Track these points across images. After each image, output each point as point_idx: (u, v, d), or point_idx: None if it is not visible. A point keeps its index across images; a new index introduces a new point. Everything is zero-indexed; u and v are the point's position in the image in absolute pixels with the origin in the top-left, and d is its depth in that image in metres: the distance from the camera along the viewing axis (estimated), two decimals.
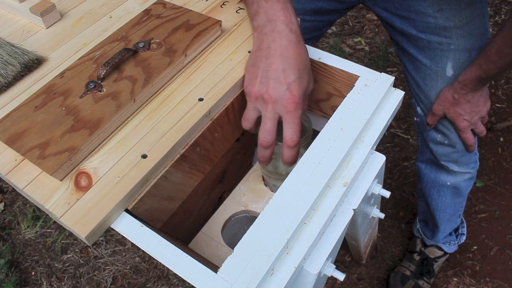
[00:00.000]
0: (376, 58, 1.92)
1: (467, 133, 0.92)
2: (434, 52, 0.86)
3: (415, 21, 0.83)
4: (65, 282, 1.38)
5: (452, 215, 1.16)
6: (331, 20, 1.00)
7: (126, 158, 0.58)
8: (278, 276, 0.51)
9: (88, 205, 0.54)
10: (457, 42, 0.83)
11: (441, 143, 0.97)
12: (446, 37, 0.83)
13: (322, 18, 0.97)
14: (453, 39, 0.83)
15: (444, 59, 0.86)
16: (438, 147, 0.98)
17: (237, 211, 0.85)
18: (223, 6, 0.79)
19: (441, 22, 0.81)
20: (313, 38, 1.03)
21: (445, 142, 0.96)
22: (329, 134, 0.61)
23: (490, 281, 1.32)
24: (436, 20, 0.81)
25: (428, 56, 0.87)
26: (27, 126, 0.60)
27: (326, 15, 0.97)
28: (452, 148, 0.97)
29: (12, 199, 1.59)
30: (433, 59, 0.87)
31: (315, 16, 0.96)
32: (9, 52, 0.69)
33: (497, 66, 0.79)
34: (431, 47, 0.86)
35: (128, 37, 0.71)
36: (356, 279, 1.36)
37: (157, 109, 0.64)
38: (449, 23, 0.81)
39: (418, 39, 0.86)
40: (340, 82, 0.73)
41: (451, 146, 0.96)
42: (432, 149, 1.00)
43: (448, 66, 0.86)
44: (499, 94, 1.78)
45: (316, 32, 1.01)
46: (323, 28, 1.02)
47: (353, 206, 0.61)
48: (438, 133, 0.96)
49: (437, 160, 1.01)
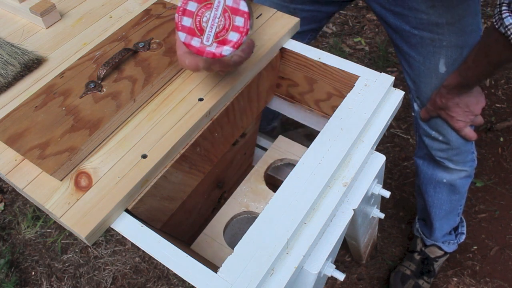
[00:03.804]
0: (376, 58, 1.92)
1: (464, 131, 0.92)
2: (426, 49, 0.87)
3: (408, 17, 0.84)
4: (65, 282, 1.38)
5: (448, 212, 1.16)
6: (329, 11, 1.00)
7: (126, 158, 0.58)
8: (278, 276, 0.51)
9: (88, 205, 0.54)
10: (449, 39, 0.84)
11: (436, 139, 0.98)
12: (439, 33, 0.84)
13: (321, 9, 0.98)
14: (445, 36, 0.84)
15: (437, 55, 0.87)
16: (434, 143, 0.99)
17: (239, 212, 0.85)
18: None
19: (433, 18, 0.82)
20: (311, 31, 1.03)
21: (439, 138, 0.97)
22: (329, 134, 0.61)
23: (490, 281, 1.32)
24: (429, 17, 0.82)
25: (421, 53, 0.88)
26: (27, 126, 0.60)
27: (325, 6, 0.97)
28: (446, 145, 0.97)
29: (12, 199, 1.58)
30: (426, 55, 0.88)
31: (314, 5, 0.96)
32: (9, 52, 0.69)
33: (474, 74, 0.81)
34: (423, 44, 0.86)
35: (128, 37, 0.71)
36: (356, 279, 1.36)
37: (157, 109, 0.63)
38: (442, 19, 0.82)
39: (411, 35, 0.87)
40: (340, 82, 0.73)
41: (446, 143, 0.97)
42: (428, 144, 1.01)
43: (440, 63, 0.87)
44: (499, 94, 1.78)
45: (314, 24, 1.01)
46: (322, 20, 1.02)
47: (353, 206, 0.61)
48: (432, 130, 0.97)
49: (433, 156, 1.02)
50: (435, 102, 0.90)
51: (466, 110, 0.89)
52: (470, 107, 0.88)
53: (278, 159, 0.92)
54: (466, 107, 0.88)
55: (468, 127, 0.92)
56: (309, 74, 0.76)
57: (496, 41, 0.70)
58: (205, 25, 0.51)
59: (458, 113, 0.89)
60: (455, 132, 0.94)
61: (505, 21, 0.65)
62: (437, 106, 0.90)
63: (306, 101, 0.83)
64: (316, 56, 0.73)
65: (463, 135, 0.93)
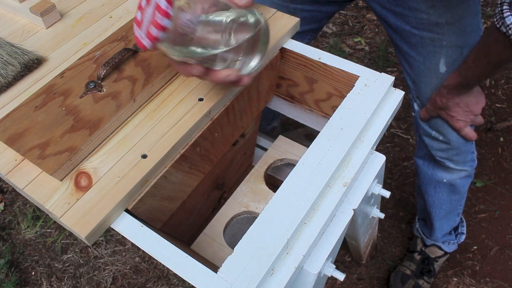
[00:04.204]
0: (376, 58, 1.92)
1: (464, 131, 0.92)
2: (427, 49, 0.87)
3: (409, 17, 0.84)
4: (65, 282, 1.38)
5: (448, 212, 1.16)
6: (329, 11, 1.00)
7: (126, 158, 0.58)
8: (278, 276, 0.51)
9: (88, 205, 0.54)
10: (449, 39, 0.85)
11: (436, 139, 0.98)
12: (439, 33, 0.84)
13: (321, 9, 0.98)
14: (445, 36, 0.84)
15: (437, 55, 0.87)
16: (434, 143, 0.99)
17: (239, 212, 0.85)
18: None
19: (433, 18, 0.82)
20: (311, 31, 1.03)
21: (439, 138, 0.97)
22: (329, 134, 0.61)
23: (490, 281, 1.32)
24: (429, 16, 0.82)
25: (421, 53, 0.88)
26: (27, 126, 0.60)
27: (325, 6, 0.98)
28: (447, 145, 0.98)
29: (12, 199, 1.58)
30: (426, 55, 0.88)
31: (314, 5, 0.97)
32: (9, 52, 0.69)
33: (474, 74, 0.81)
34: (424, 44, 0.87)
35: (128, 37, 0.71)
36: (356, 279, 1.36)
37: (157, 109, 0.63)
38: (442, 19, 0.82)
39: (412, 35, 0.87)
40: (340, 82, 0.73)
41: (446, 143, 0.97)
42: (428, 144, 1.01)
43: (441, 63, 0.87)
44: (499, 94, 1.78)
45: (314, 24, 1.01)
46: (322, 20, 1.02)
47: (353, 206, 0.61)
48: (432, 129, 0.97)
49: (433, 156, 1.02)
50: (435, 102, 0.90)
51: (466, 110, 0.89)
52: (470, 107, 0.89)
53: (278, 159, 0.92)
54: (466, 107, 0.89)
55: (468, 127, 0.93)
56: (309, 74, 0.76)
57: (496, 40, 0.70)
58: (143, 18, 0.53)
59: (458, 113, 0.89)
60: (455, 132, 0.94)
61: (507, 20, 0.65)
62: (437, 106, 0.90)
63: (306, 101, 0.83)
64: (316, 56, 0.73)
65: (463, 135, 0.94)
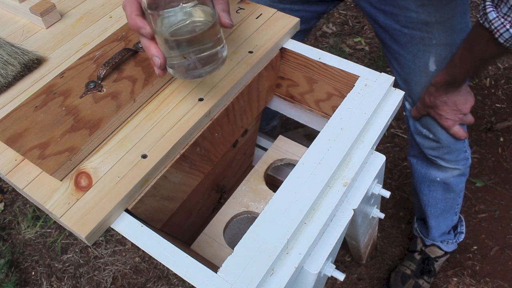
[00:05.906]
0: (376, 58, 1.92)
1: (453, 129, 0.93)
2: (416, 47, 0.88)
3: (398, 16, 0.85)
4: (65, 282, 1.38)
5: (443, 211, 1.17)
6: (318, 11, 1.01)
7: (126, 158, 0.58)
8: (278, 276, 0.51)
9: (88, 205, 0.54)
10: (439, 37, 0.85)
11: (426, 137, 0.99)
12: (428, 32, 0.85)
13: (310, 9, 0.98)
14: (435, 34, 0.85)
15: (427, 54, 0.87)
16: (425, 141, 1.00)
17: (239, 212, 0.85)
18: None
19: (423, 17, 0.83)
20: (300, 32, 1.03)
21: (430, 136, 0.98)
22: (329, 134, 0.61)
23: (490, 281, 1.32)
24: (418, 15, 0.83)
25: (411, 52, 0.89)
26: (27, 126, 0.60)
27: (314, 5, 0.98)
28: (437, 143, 0.98)
29: (12, 199, 1.58)
30: (416, 54, 0.88)
31: (303, 5, 0.97)
32: (9, 52, 0.69)
33: (461, 71, 0.81)
34: (413, 42, 0.87)
35: (128, 37, 0.71)
36: (356, 279, 1.36)
37: (157, 109, 0.63)
38: (431, 18, 0.83)
39: (401, 34, 0.87)
40: (340, 82, 0.73)
41: (436, 141, 0.98)
42: (419, 142, 1.01)
43: (430, 61, 0.88)
44: (499, 94, 1.78)
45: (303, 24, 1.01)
46: (311, 20, 1.02)
47: (353, 206, 0.61)
48: (423, 128, 0.98)
49: (425, 154, 1.02)
50: (424, 101, 0.91)
51: (454, 108, 0.89)
52: (458, 105, 0.89)
53: (278, 159, 0.92)
54: (454, 106, 0.89)
55: (458, 125, 0.93)
56: (309, 74, 0.76)
57: (480, 36, 0.71)
58: None
59: (446, 111, 0.90)
60: (444, 130, 0.94)
61: (489, 16, 0.66)
62: (426, 105, 0.91)
63: (306, 101, 0.83)
64: (316, 56, 0.73)
65: (452, 134, 0.94)
